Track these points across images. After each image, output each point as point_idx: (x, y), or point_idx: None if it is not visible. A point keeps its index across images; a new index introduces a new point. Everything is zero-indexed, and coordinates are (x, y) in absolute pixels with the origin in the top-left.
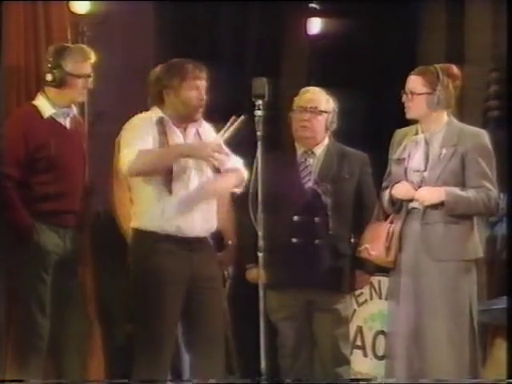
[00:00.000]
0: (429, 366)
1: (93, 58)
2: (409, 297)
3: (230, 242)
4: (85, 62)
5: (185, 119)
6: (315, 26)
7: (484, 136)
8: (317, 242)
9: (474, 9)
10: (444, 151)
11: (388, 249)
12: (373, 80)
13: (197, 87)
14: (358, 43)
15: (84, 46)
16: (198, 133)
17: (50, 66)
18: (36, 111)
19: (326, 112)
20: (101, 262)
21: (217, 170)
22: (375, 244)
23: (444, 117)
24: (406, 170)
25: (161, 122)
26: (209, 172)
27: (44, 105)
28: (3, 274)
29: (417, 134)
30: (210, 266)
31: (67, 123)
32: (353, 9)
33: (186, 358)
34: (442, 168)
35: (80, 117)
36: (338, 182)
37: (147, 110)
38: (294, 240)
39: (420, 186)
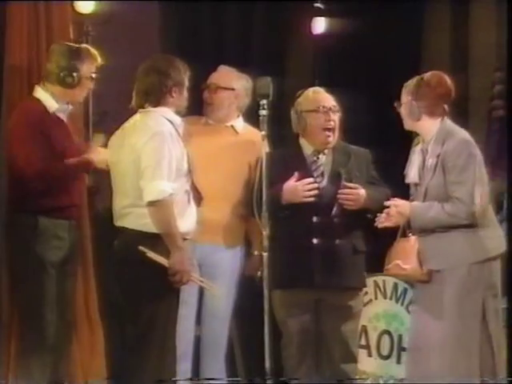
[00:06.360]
0: (437, 370)
1: (99, 59)
2: (423, 307)
3: (256, 253)
4: (95, 63)
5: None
6: (320, 25)
7: (463, 142)
8: (337, 241)
9: (478, 9)
10: (430, 162)
11: (421, 263)
12: (377, 80)
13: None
14: (363, 43)
15: (91, 48)
16: None
17: (65, 67)
18: (42, 105)
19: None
20: (103, 259)
21: None
22: (407, 259)
23: (436, 125)
24: (409, 184)
25: (180, 126)
26: None
27: (48, 100)
28: (7, 273)
29: (418, 143)
30: None
31: (65, 118)
32: (358, 8)
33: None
34: (429, 180)
35: (83, 116)
36: (350, 180)
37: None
38: (315, 241)
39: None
